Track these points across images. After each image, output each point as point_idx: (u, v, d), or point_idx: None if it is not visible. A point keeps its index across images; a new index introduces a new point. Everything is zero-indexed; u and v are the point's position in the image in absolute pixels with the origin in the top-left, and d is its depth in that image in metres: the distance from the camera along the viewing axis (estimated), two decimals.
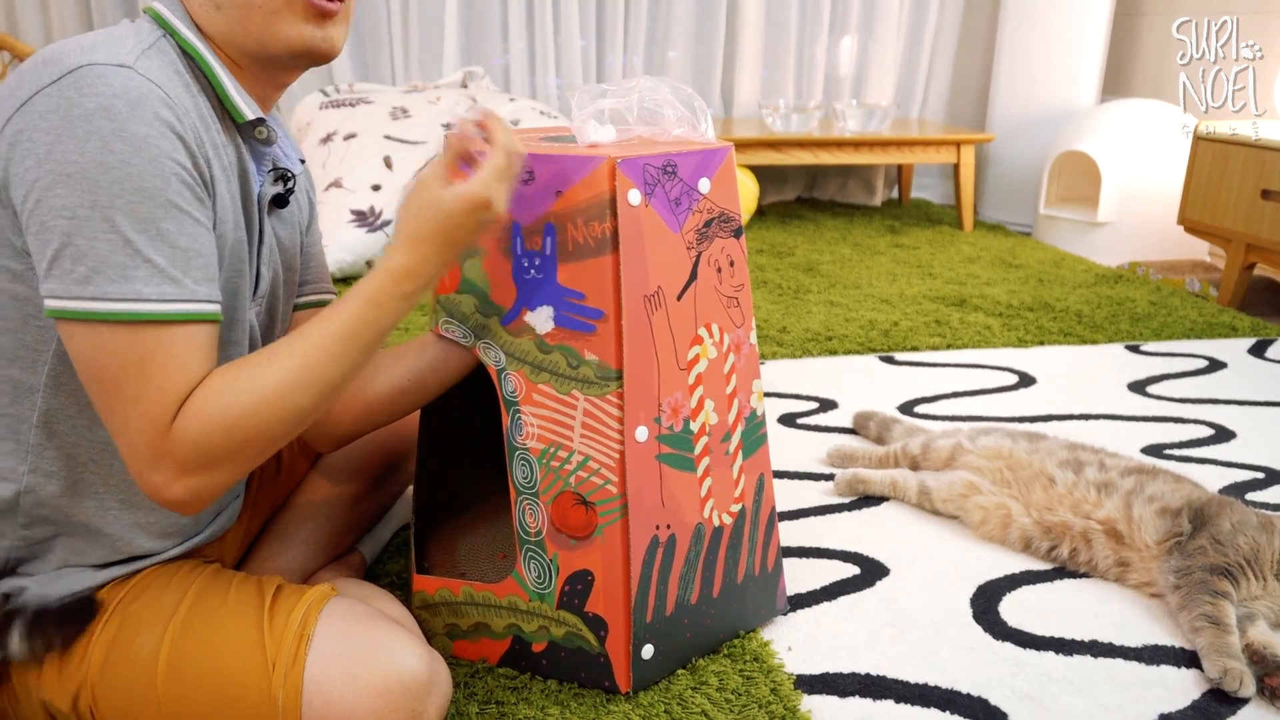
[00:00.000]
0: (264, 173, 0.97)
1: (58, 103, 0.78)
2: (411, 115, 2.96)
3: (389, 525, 1.37)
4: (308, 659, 0.87)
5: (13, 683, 0.94)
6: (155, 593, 0.94)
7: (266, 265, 0.99)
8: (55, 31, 3.41)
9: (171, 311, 0.80)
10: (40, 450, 0.89)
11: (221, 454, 0.82)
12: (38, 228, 0.78)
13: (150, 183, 0.79)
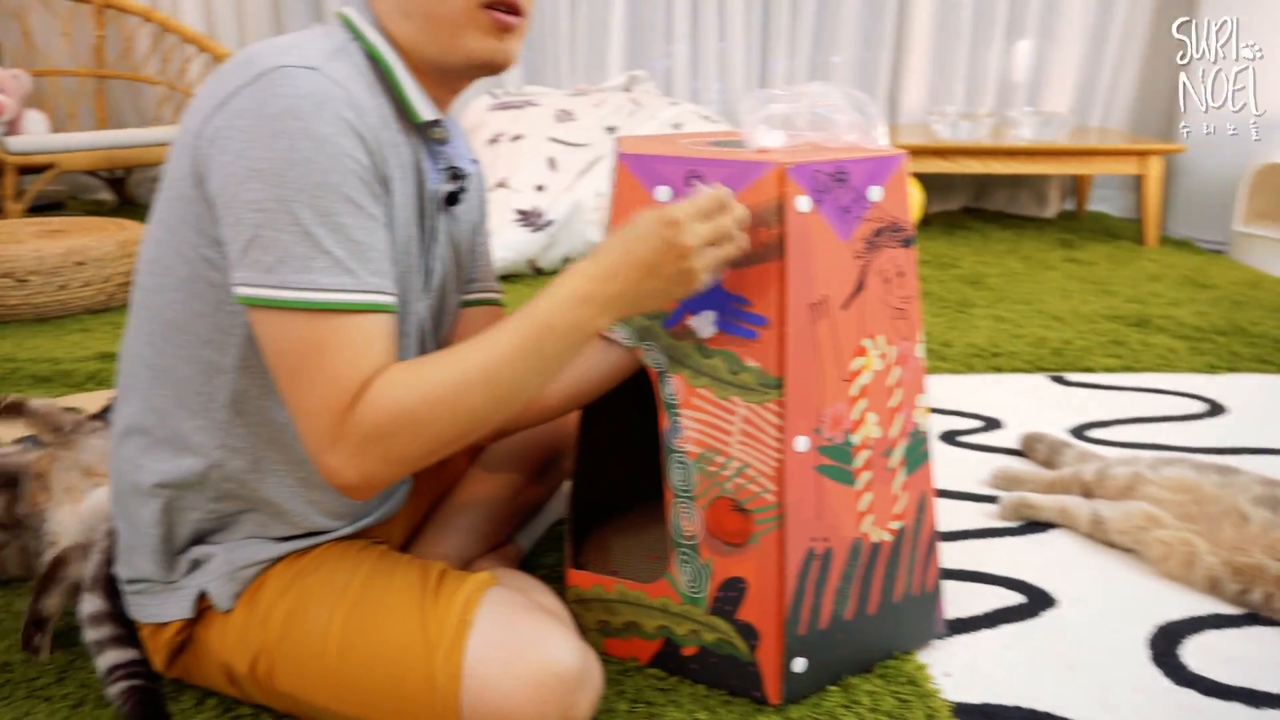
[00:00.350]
0: (438, 171, 1.01)
1: (252, 102, 0.84)
2: (576, 118, 3.03)
3: (545, 519, 1.41)
4: (467, 644, 0.91)
5: (196, 644, 1.02)
6: (330, 568, 1.00)
7: (438, 261, 1.04)
8: (249, 33, 3.66)
9: (347, 301, 0.85)
10: (228, 428, 0.96)
11: (395, 444, 0.86)
12: (232, 220, 0.85)
13: (331, 179, 0.84)
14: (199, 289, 0.91)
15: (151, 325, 0.95)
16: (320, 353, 0.84)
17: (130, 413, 0.99)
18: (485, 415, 0.88)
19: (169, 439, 0.97)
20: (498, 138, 3.00)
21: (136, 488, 0.98)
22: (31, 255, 2.36)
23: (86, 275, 2.43)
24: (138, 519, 0.99)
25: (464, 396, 0.87)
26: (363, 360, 0.85)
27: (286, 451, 0.97)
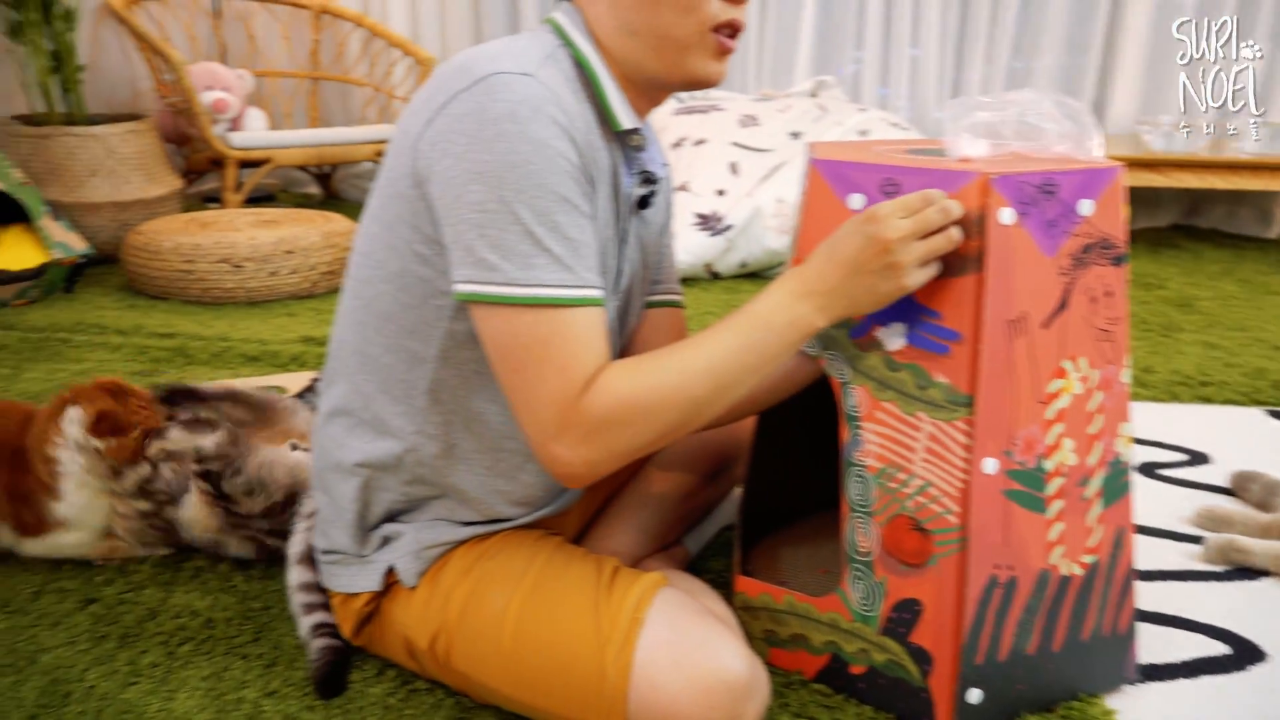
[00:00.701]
0: (632, 175, 1.04)
1: (471, 107, 0.88)
2: (760, 123, 3.03)
3: (714, 523, 1.41)
4: (638, 642, 0.92)
5: (381, 616, 1.07)
6: (508, 555, 1.03)
7: (628, 262, 1.06)
8: (450, 38, 3.84)
9: (567, 296, 0.88)
10: (426, 415, 1.01)
11: (621, 433, 0.89)
12: (454, 220, 0.89)
13: (549, 180, 0.87)
14: (408, 282, 0.96)
15: (361, 314, 1.01)
16: (545, 346, 0.88)
17: (337, 395, 1.05)
18: (705, 407, 0.92)
19: (371, 422, 1.02)
20: (681, 141, 3.02)
21: (339, 465, 1.05)
22: (247, 243, 2.55)
23: (294, 263, 2.61)
24: (338, 495, 1.06)
25: (688, 388, 0.90)
26: (586, 352, 0.89)
27: (478, 441, 1.01)
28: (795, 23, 3.58)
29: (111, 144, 2.88)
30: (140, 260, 2.58)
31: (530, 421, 0.90)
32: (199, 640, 1.17)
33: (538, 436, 0.90)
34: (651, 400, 0.89)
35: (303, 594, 1.15)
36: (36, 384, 1.97)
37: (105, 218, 2.89)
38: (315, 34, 3.84)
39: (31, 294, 2.53)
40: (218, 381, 1.41)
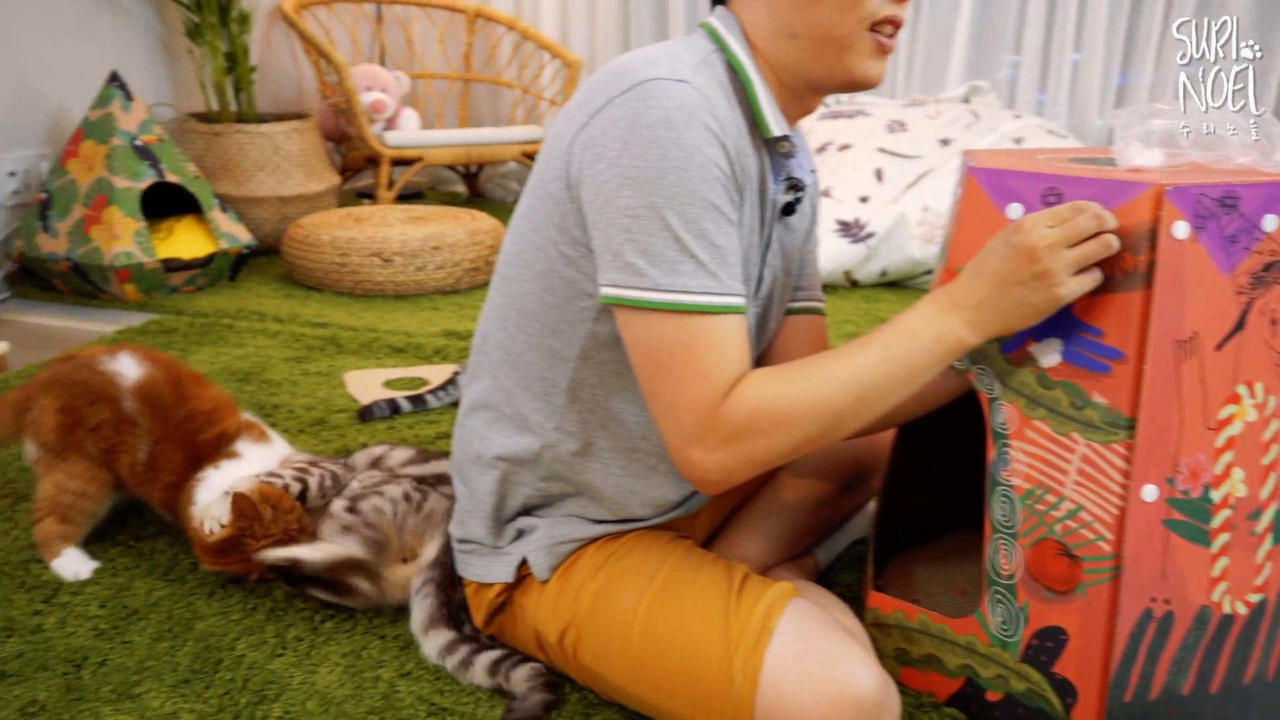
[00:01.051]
0: (779, 181, 1.02)
1: (626, 112, 0.88)
2: (908, 129, 2.96)
3: (846, 535, 1.39)
4: (767, 651, 0.91)
5: (513, 607, 1.09)
6: (639, 555, 1.04)
7: (769, 269, 1.05)
8: (598, 42, 3.89)
9: (712, 304, 0.88)
10: (564, 413, 1.02)
11: (760, 440, 0.88)
12: (604, 224, 0.89)
13: (699, 187, 0.87)
14: (554, 283, 0.98)
15: (506, 311, 1.03)
16: (688, 352, 0.88)
17: (480, 389, 1.08)
18: (847, 419, 0.90)
19: (511, 417, 1.05)
20: (825, 146, 2.98)
21: (479, 458, 1.07)
22: (398, 239, 2.65)
23: (440, 259, 2.69)
24: (476, 486, 1.08)
25: (831, 398, 0.89)
26: (728, 359, 0.89)
27: (614, 441, 1.02)
28: (949, 25, 3.48)
29: (278, 141, 3.04)
30: (298, 252, 2.72)
31: (669, 425, 0.90)
32: (340, 619, 1.21)
33: (675, 441, 0.90)
34: (792, 409, 0.88)
35: (450, 656, 1.11)
36: (202, 365, 2.09)
37: (268, 211, 3.05)
38: (469, 37, 3.96)
39: (199, 281, 2.69)
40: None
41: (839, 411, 0.89)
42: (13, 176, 2.65)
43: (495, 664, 1.08)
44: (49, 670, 1.11)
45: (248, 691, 1.08)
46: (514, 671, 1.06)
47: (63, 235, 2.52)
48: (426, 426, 1.80)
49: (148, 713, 1.04)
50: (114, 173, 2.53)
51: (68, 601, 1.24)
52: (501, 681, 1.07)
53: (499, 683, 1.07)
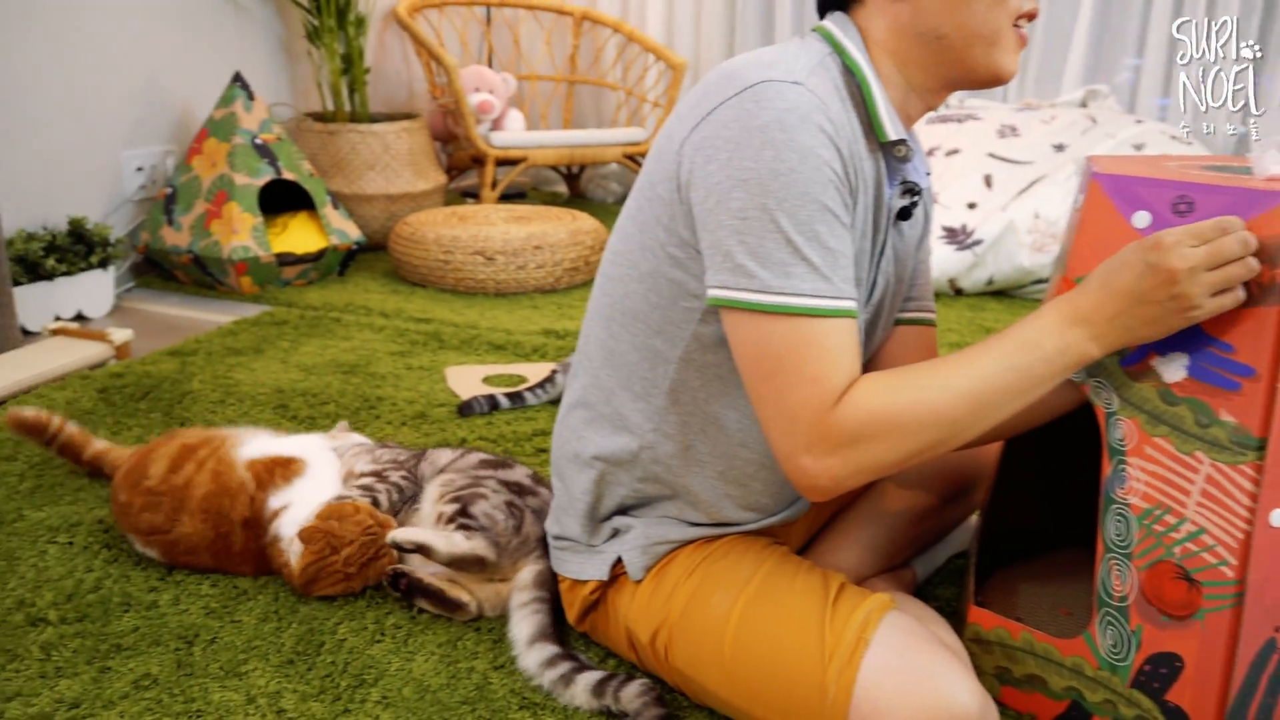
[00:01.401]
0: (895, 185, 1.00)
1: (738, 114, 0.88)
2: (1020, 134, 2.87)
3: (946, 548, 1.35)
4: (863, 662, 0.89)
5: (606, 605, 1.10)
6: (735, 559, 1.03)
7: (882, 275, 1.03)
8: (704, 44, 3.89)
9: (823, 307, 0.87)
10: (664, 414, 1.02)
11: (871, 448, 0.87)
12: (714, 225, 0.89)
13: (812, 189, 0.86)
14: (659, 283, 0.98)
15: (610, 311, 1.04)
16: (798, 356, 0.87)
17: (580, 387, 1.09)
18: (963, 430, 0.88)
19: (610, 416, 1.05)
20: (933, 151, 2.92)
21: (576, 456, 1.08)
22: (500, 237, 2.70)
23: (541, 258, 2.73)
24: (572, 484, 1.09)
25: (946, 408, 0.87)
26: (839, 364, 0.87)
27: (713, 445, 1.02)
28: (1068, 26, 3.37)
29: (388, 140, 3.12)
30: (404, 249, 2.78)
31: (777, 431, 0.89)
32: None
33: (785, 446, 0.89)
34: (906, 417, 0.86)
35: (550, 670, 1.09)
36: (310, 357, 2.16)
37: (377, 208, 3.14)
38: (575, 39, 4.00)
39: (310, 275, 2.78)
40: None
41: (955, 422, 0.87)
42: (140, 172, 2.78)
43: (601, 684, 1.05)
44: (161, 645, 1.15)
45: (348, 675, 1.11)
46: (623, 690, 1.04)
47: (185, 229, 2.63)
48: (524, 423, 1.82)
49: (253, 691, 1.08)
50: (235, 170, 2.64)
51: (181, 580, 1.29)
52: (609, 702, 1.04)
53: (606, 704, 1.04)
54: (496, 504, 1.25)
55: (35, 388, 1.91)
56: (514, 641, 1.14)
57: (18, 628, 1.18)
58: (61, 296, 2.41)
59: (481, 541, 1.19)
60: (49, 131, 2.52)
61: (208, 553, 1.29)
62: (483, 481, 1.29)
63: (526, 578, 1.19)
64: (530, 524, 1.25)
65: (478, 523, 1.22)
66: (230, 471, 1.31)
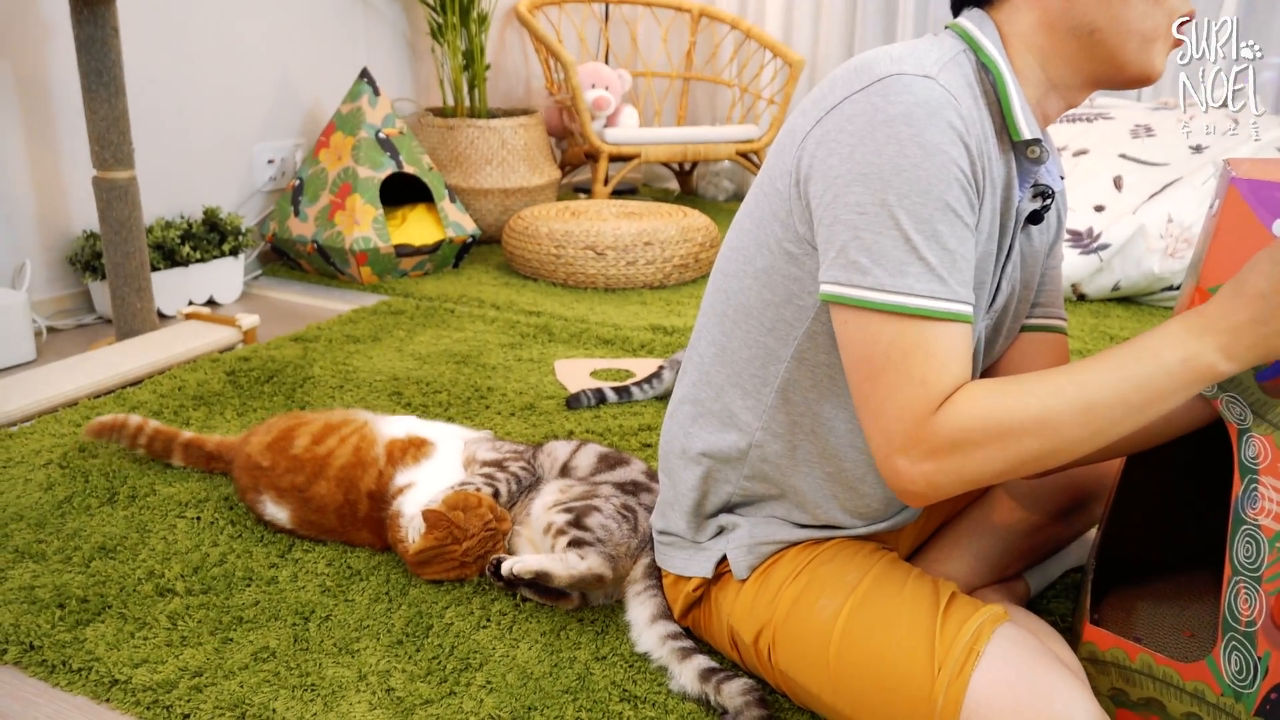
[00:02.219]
0: (1026, 188, 0.98)
1: (864, 107, 0.86)
2: (1155, 134, 2.76)
3: (1061, 562, 1.31)
4: (974, 675, 0.88)
5: (709, 602, 1.10)
6: (842, 563, 1.02)
7: (1007, 280, 1.00)
8: (822, 41, 3.85)
9: (937, 309, 0.85)
10: (773, 413, 1.02)
11: (973, 455, 0.84)
12: (830, 220, 0.88)
13: (935, 187, 0.84)
14: (774, 280, 0.97)
15: (724, 306, 1.04)
16: (906, 357, 0.85)
17: (690, 383, 1.09)
18: (1072, 443, 0.83)
19: (719, 413, 1.05)
20: (1060, 151, 2.83)
21: (684, 452, 1.09)
22: (611, 233, 2.72)
23: (651, 255, 2.74)
24: (679, 480, 1.10)
25: (1056, 419, 0.83)
26: (947, 368, 0.85)
27: (822, 444, 1.01)
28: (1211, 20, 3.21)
29: (505, 136, 3.19)
30: (518, 243, 2.84)
31: (877, 431, 0.88)
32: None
33: (883, 447, 0.87)
34: (1010, 425, 0.83)
35: (672, 641, 1.12)
36: (424, 346, 2.22)
37: (492, 202, 3.21)
38: (692, 36, 4.01)
39: (427, 266, 2.86)
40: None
41: (1061, 431, 0.83)
42: (271, 164, 2.91)
43: (708, 672, 1.06)
44: (280, 620, 1.21)
45: (454, 658, 1.14)
46: (726, 685, 1.05)
47: (310, 219, 2.74)
48: (630, 418, 1.84)
49: (364, 669, 1.12)
50: (359, 163, 2.73)
51: (300, 558, 1.35)
52: (711, 692, 1.05)
53: (707, 692, 1.05)
54: (610, 513, 1.25)
55: (169, 368, 2.02)
56: (633, 623, 1.16)
57: (147, 597, 1.25)
58: (195, 282, 2.54)
59: (596, 559, 1.19)
60: (189, 125, 2.66)
61: (335, 514, 1.36)
62: (598, 489, 1.31)
63: (639, 571, 1.21)
64: (645, 521, 1.26)
65: (593, 535, 1.22)
66: (369, 448, 1.40)
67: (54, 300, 2.40)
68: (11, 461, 1.61)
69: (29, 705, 1.08)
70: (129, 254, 2.10)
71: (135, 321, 2.15)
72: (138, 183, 2.09)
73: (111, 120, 2.01)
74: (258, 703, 1.06)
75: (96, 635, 1.17)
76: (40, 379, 1.89)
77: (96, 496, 1.50)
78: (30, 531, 1.39)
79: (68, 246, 2.41)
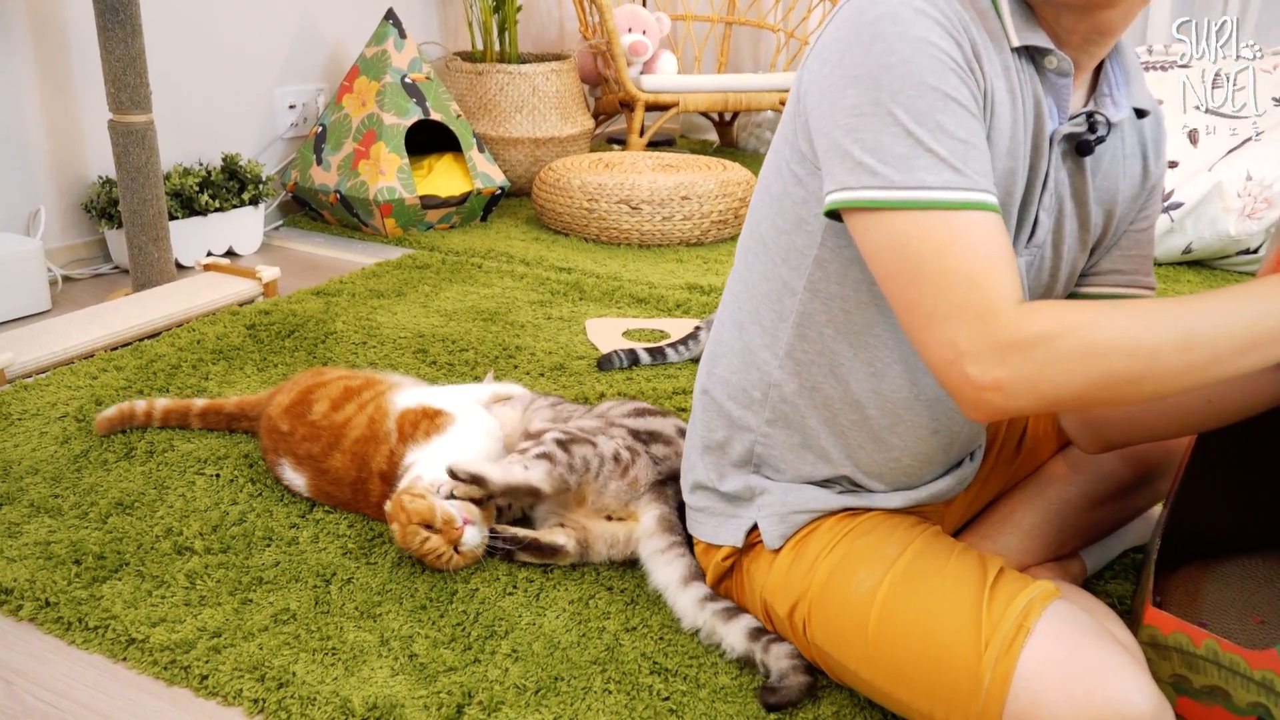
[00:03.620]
0: (1063, 111, 0.95)
1: (850, 14, 0.88)
2: (1239, 85, 2.68)
3: (1120, 541, 1.30)
4: (1023, 652, 0.87)
5: (741, 573, 1.10)
6: (881, 535, 1.02)
7: (1045, 213, 0.98)
8: None
9: (956, 200, 0.83)
10: (789, 349, 1.02)
11: (1051, 358, 0.79)
12: (828, 128, 0.88)
13: (929, 78, 0.84)
14: (785, 205, 0.98)
15: (748, 241, 1.05)
16: (943, 255, 0.82)
17: (719, 321, 1.11)
18: (1168, 374, 0.79)
19: (740, 351, 1.06)
20: None
21: (705, 392, 1.11)
22: (647, 186, 2.71)
23: (688, 210, 2.73)
24: (700, 422, 1.12)
25: (1151, 341, 0.78)
26: (993, 261, 0.82)
27: (843, 388, 1.01)
28: None
29: (536, 82, 3.17)
30: (548, 195, 2.83)
31: (933, 337, 0.84)
32: (569, 566, 1.27)
33: (945, 352, 0.83)
34: (1099, 337, 0.79)
35: (712, 603, 1.13)
36: (451, 302, 2.23)
37: (522, 152, 3.20)
38: None
39: (453, 219, 2.86)
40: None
41: (1156, 357, 0.78)
42: (293, 110, 2.91)
43: (757, 630, 1.08)
44: (300, 582, 1.23)
45: (479, 625, 1.15)
46: (774, 646, 1.06)
47: (333, 168, 2.75)
48: (664, 380, 1.84)
49: (386, 633, 1.14)
50: (384, 109, 2.73)
51: (321, 519, 1.36)
52: (759, 651, 1.06)
53: (754, 649, 1.07)
54: (606, 451, 1.26)
55: (187, 321, 2.04)
56: (664, 586, 1.17)
57: (165, 555, 1.27)
58: (214, 232, 2.56)
59: (538, 472, 1.22)
60: (206, 67, 2.66)
61: (350, 489, 1.37)
62: (610, 430, 1.32)
63: (650, 524, 1.22)
64: (642, 467, 1.27)
65: (566, 460, 1.24)
66: (382, 420, 1.39)
67: (68, 249, 2.43)
68: (26, 414, 1.64)
69: (43, 662, 1.10)
70: (146, 201, 2.12)
71: (153, 272, 2.17)
72: (155, 127, 2.10)
73: (128, 61, 2.02)
74: (277, 665, 1.07)
75: (113, 593, 1.19)
76: (55, 330, 1.92)
77: (113, 451, 1.52)
78: (46, 486, 1.42)
79: (82, 193, 2.44)
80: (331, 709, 1.02)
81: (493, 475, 1.22)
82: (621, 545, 1.26)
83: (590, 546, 1.26)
